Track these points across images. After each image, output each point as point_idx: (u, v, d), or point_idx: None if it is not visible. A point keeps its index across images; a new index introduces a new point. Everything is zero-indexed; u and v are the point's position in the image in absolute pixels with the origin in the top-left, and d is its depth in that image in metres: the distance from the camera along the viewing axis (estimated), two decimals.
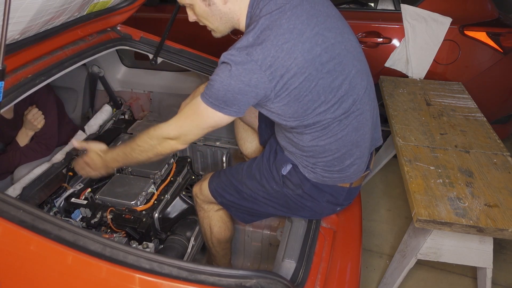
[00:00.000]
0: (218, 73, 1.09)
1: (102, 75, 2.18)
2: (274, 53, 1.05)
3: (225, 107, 1.11)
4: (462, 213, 1.41)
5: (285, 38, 1.07)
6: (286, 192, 1.34)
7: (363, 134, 1.27)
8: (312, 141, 1.22)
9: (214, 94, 1.10)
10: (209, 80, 1.12)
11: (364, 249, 2.20)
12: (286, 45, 1.06)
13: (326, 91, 1.13)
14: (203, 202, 1.53)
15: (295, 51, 1.07)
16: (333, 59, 1.13)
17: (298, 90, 1.10)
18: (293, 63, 1.07)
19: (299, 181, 1.32)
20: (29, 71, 1.39)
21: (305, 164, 1.29)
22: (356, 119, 1.22)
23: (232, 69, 1.06)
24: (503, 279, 2.06)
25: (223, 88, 1.07)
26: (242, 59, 1.05)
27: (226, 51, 1.10)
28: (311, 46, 1.09)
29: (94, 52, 1.71)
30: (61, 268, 0.95)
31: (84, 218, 1.61)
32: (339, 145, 1.23)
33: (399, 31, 2.61)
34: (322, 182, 1.31)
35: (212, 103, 1.11)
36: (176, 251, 1.55)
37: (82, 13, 1.56)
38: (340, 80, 1.15)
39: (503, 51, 2.50)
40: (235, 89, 1.07)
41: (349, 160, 1.27)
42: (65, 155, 1.83)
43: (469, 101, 2.24)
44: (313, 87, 1.11)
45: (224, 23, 1.26)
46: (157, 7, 3.23)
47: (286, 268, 1.19)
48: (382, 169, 2.62)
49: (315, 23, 1.12)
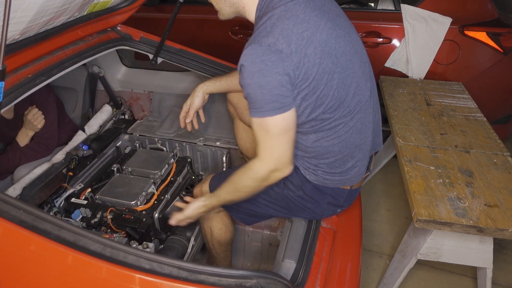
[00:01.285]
0: (249, 80, 1.05)
1: (102, 75, 2.18)
2: (295, 40, 1.05)
3: (280, 106, 1.07)
4: (462, 213, 1.41)
5: (304, 27, 1.07)
6: (286, 193, 1.34)
7: (366, 137, 1.27)
8: (316, 141, 1.22)
9: (261, 102, 1.06)
10: (246, 93, 1.08)
11: (364, 249, 2.20)
12: (306, 33, 1.06)
13: (339, 86, 1.13)
14: None
15: (314, 40, 1.07)
16: (344, 55, 1.14)
17: (316, 82, 1.10)
18: (313, 52, 1.07)
19: (300, 182, 1.31)
20: (29, 71, 1.39)
21: (307, 166, 1.29)
22: (360, 121, 1.23)
23: (261, 67, 1.03)
24: (503, 279, 2.05)
25: (266, 89, 1.05)
26: (268, 53, 1.03)
27: (244, 50, 1.07)
28: (327, 38, 1.10)
29: (94, 52, 1.71)
30: (61, 268, 0.95)
31: (84, 218, 1.61)
32: (342, 146, 1.23)
33: (399, 31, 2.61)
34: (323, 184, 1.30)
35: (267, 111, 1.07)
36: (176, 251, 1.55)
37: (82, 13, 1.56)
38: (350, 78, 1.16)
39: (503, 51, 2.50)
40: (276, 83, 1.05)
41: (350, 162, 1.27)
42: (65, 155, 1.83)
43: (469, 101, 2.24)
44: (328, 81, 1.11)
45: (228, 6, 1.24)
46: (157, 7, 3.23)
47: (286, 268, 1.19)
48: (382, 169, 2.62)
49: (327, 18, 1.13)
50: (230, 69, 1.91)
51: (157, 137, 2.07)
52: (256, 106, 1.08)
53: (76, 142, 1.93)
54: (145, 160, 1.85)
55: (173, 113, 2.15)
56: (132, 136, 2.11)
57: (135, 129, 2.13)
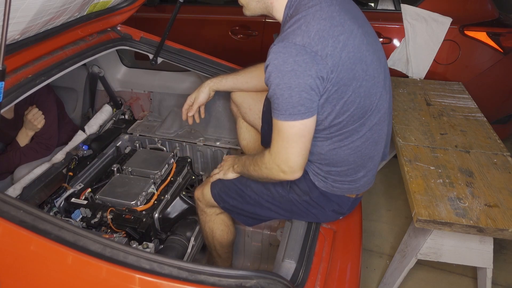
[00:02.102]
0: (278, 79, 1.01)
1: (102, 75, 2.18)
2: (332, 43, 1.02)
3: (305, 111, 1.03)
4: (462, 213, 1.41)
5: (339, 30, 1.04)
6: (292, 197, 1.33)
7: (380, 148, 1.27)
8: (333, 150, 1.19)
9: (287, 104, 1.03)
10: (272, 92, 1.04)
11: (364, 249, 2.20)
12: (342, 37, 1.04)
13: (365, 94, 1.11)
14: (205, 206, 1.51)
15: (348, 44, 1.05)
16: (373, 63, 1.12)
17: (346, 88, 1.07)
18: (346, 56, 1.04)
19: (307, 188, 1.30)
20: (29, 71, 1.39)
21: (317, 172, 1.27)
22: (377, 133, 1.22)
23: (294, 67, 1.00)
24: (503, 279, 2.05)
25: (295, 91, 1.01)
26: (302, 53, 0.99)
27: (273, 47, 1.02)
28: (359, 44, 1.08)
29: (94, 52, 1.71)
30: (61, 268, 0.95)
31: (84, 218, 1.60)
32: (357, 157, 1.22)
33: (399, 31, 2.61)
34: (331, 191, 1.29)
35: (290, 115, 1.04)
36: (176, 251, 1.55)
37: (82, 13, 1.56)
38: (376, 88, 1.14)
39: (503, 51, 2.50)
40: (307, 86, 1.01)
41: (362, 172, 1.27)
42: (65, 155, 1.83)
43: (469, 101, 2.24)
44: (358, 88, 1.08)
45: (256, 1, 1.19)
46: (157, 7, 3.23)
47: (286, 268, 1.19)
48: (382, 169, 2.62)
49: (359, 24, 1.11)
50: (230, 69, 1.91)
51: (157, 137, 2.07)
52: (279, 108, 1.04)
53: (76, 142, 1.93)
54: (145, 160, 1.85)
55: (173, 113, 2.15)
56: (132, 136, 2.11)
57: (135, 129, 2.13)
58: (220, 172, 1.46)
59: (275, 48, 1.02)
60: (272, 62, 1.02)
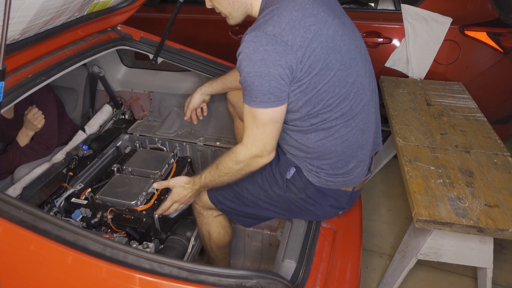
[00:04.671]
0: (249, 68, 1.04)
1: (102, 75, 2.18)
2: (302, 33, 1.04)
3: (275, 99, 1.07)
4: (463, 213, 1.41)
5: (312, 21, 1.06)
6: (289, 196, 1.33)
7: (368, 137, 1.27)
8: (319, 141, 1.21)
9: (257, 92, 1.06)
10: (243, 79, 1.07)
11: (364, 249, 2.20)
12: (314, 27, 1.06)
13: (341, 83, 1.13)
14: (202, 209, 1.51)
15: (321, 35, 1.07)
16: (349, 53, 1.14)
17: (319, 77, 1.09)
18: (319, 46, 1.07)
19: (303, 185, 1.31)
20: (30, 71, 1.39)
21: (309, 168, 1.28)
22: (363, 121, 1.22)
23: (264, 57, 1.02)
24: (503, 279, 2.05)
25: (265, 80, 1.04)
26: (273, 43, 1.02)
27: (246, 36, 1.05)
28: (333, 34, 1.10)
29: (95, 52, 1.71)
30: (61, 268, 0.95)
31: (84, 218, 1.60)
32: (345, 147, 1.23)
33: (400, 31, 2.61)
34: (326, 186, 1.30)
35: (261, 102, 1.07)
36: (176, 251, 1.55)
37: (82, 13, 1.56)
38: (353, 77, 1.16)
39: (503, 51, 2.50)
40: (277, 75, 1.04)
41: (353, 162, 1.27)
42: (65, 155, 1.83)
43: (470, 101, 2.24)
44: (331, 77, 1.11)
45: (237, 8, 1.23)
46: (157, 7, 3.23)
47: (286, 268, 1.19)
48: (382, 169, 2.62)
49: (335, 15, 1.13)
50: (230, 69, 1.91)
51: (157, 137, 2.07)
52: (250, 95, 1.08)
53: (76, 142, 1.93)
54: (145, 160, 1.85)
55: (173, 113, 2.15)
56: (132, 136, 2.11)
57: (135, 129, 2.13)
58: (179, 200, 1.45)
59: (247, 37, 1.05)
60: (244, 50, 1.05)
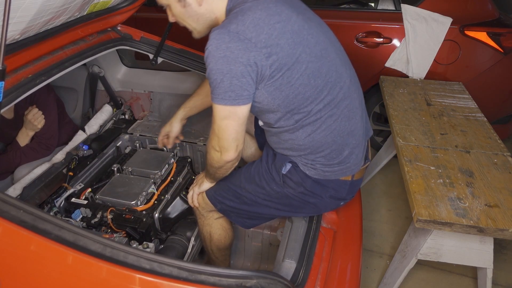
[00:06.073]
0: (212, 65, 1.06)
1: (103, 75, 2.18)
2: (267, 30, 1.06)
3: (235, 97, 1.08)
4: (463, 213, 1.41)
5: (276, 19, 1.09)
6: (287, 192, 1.33)
7: (356, 122, 1.28)
8: (308, 136, 1.22)
9: (219, 88, 1.07)
10: (208, 75, 1.09)
11: (365, 249, 2.20)
12: (278, 25, 1.08)
13: (315, 75, 1.15)
14: (203, 210, 1.51)
15: (286, 31, 1.09)
16: (318, 45, 1.16)
17: (291, 72, 1.11)
18: (285, 42, 1.08)
19: (300, 179, 1.31)
20: (30, 71, 1.39)
21: (305, 162, 1.29)
22: (347, 108, 1.24)
23: (226, 54, 1.04)
24: (503, 279, 2.05)
25: (226, 77, 1.06)
26: (235, 40, 1.04)
27: (211, 33, 1.08)
28: (299, 29, 1.12)
29: (95, 52, 1.71)
30: (61, 268, 0.95)
31: (84, 218, 1.60)
32: (335, 136, 1.24)
33: (400, 31, 2.61)
34: (323, 177, 1.30)
35: (222, 99, 1.09)
36: (177, 251, 1.55)
37: (82, 13, 1.56)
38: (327, 66, 1.17)
39: (503, 51, 2.50)
40: (238, 73, 1.05)
41: (346, 150, 1.28)
42: (65, 155, 1.83)
43: (470, 101, 2.24)
44: (303, 70, 1.12)
45: (201, 23, 1.26)
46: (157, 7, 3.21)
47: (286, 268, 1.19)
48: (382, 169, 2.62)
49: (298, 12, 1.16)
50: None
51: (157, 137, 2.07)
52: (213, 91, 1.10)
53: (76, 142, 1.93)
54: (145, 160, 1.85)
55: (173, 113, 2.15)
56: (132, 136, 2.11)
57: (135, 129, 2.13)
58: (195, 186, 1.49)
59: (212, 34, 1.07)
60: (209, 47, 1.07)
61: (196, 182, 1.51)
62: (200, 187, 1.47)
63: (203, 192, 1.48)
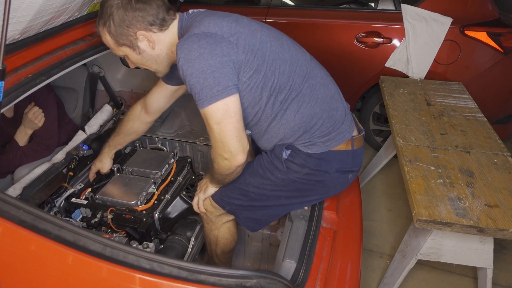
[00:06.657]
0: (190, 69, 1.09)
1: (103, 75, 2.18)
2: (226, 24, 1.16)
3: (224, 89, 1.10)
4: (463, 213, 1.41)
5: (229, 17, 1.20)
6: (292, 177, 1.34)
7: (332, 88, 1.36)
8: (297, 114, 1.26)
9: (205, 88, 1.09)
10: (189, 85, 1.12)
11: (365, 249, 2.20)
12: (232, 20, 1.19)
13: (281, 50, 1.24)
14: (211, 215, 1.51)
15: (241, 23, 1.20)
16: (271, 30, 1.28)
17: (261, 51, 1.18)
18: (244, 30, 1.18)
19: (303, 160, 1.32)
20: (30, 71, 1.39)
21: (304, 143, 1.31)
22: (319, 76, 1.32)
23: (200, 52, 1.08)
24: (503, 279, 2.05)
25: (208, 73, 1.08)
26: (203, 37, 1.10)
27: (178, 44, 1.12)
28: (249, 21, 1.24)
29: (95, 52, 1.71)
30: (61, 268, 0.95)
31: (84, 218, 1.60)
32: (321, 104, 1.29)
33: (400, 31, 2.61)
34: (326, 150, 1.31)
35: (212, 97, 1.10)
36: (177, 251, 1.55)
37: (82, 13, 1.56)
38: (287, 44, 1.28)
39: (503, 51, 2.50)
40: (218, 65, 1.09)
41: (336, 114, 1.32)
42: (65, 155, 1.82)
43: (470, 101, 2.24)
44: (270, 47, 1.21)
45: (160, 63, 1.32)
46: None
47: (286, 268, 1.19)
48: (382, 169, 2.62)
49: (243, 17, 1.27)
50: None
51: (157, 137, 2.07)
52: (200, 97, 1.11)
53: (77, 142, 1.92)
54: (145, 160, 1.85)
55: (173, 113, 2.15)
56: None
57: None
58: (200, 193, 1.49)
59: (179, 45, 1.12)
60: (180, 56, 1.10)
61: (200, 188, 1.49)
62: (205, 193, 1.46)
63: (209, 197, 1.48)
